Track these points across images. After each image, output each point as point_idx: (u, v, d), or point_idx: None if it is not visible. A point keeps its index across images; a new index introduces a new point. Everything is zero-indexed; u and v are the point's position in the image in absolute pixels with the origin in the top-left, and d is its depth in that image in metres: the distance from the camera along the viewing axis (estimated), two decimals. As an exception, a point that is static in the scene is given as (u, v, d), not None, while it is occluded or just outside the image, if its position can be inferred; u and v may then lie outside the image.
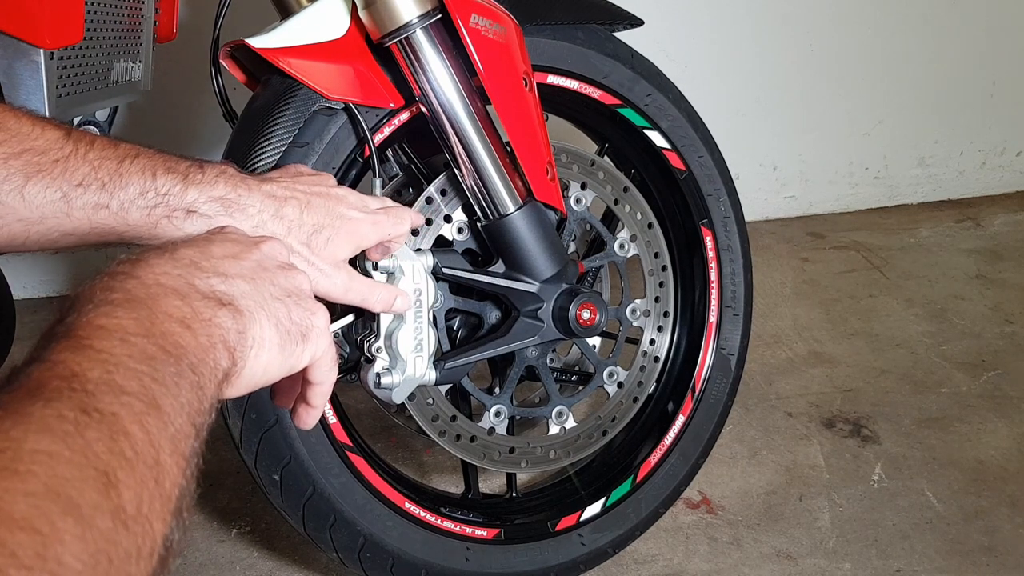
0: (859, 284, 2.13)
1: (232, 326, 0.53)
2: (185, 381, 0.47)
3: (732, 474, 1.44)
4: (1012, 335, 1.88)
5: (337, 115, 0.98)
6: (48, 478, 0.36)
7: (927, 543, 1.28)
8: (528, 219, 1.01)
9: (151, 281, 0.51)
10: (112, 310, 0.47)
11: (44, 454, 0.37)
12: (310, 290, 0.64)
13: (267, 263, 0.61)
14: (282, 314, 0.59)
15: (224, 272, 0.56)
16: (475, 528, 1.11)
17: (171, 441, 0.44)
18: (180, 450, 0.44)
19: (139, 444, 0.41)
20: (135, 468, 0.40)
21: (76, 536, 0.35)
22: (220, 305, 0.53)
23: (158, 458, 0.42)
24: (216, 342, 0.52)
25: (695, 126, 1.21)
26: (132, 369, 0.44)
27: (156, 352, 0.47)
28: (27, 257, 2.02)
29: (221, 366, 0.52)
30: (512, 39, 0.98)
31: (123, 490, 0.39)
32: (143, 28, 1.07)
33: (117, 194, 0.69)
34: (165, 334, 0.48)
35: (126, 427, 0.41)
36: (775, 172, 2.53)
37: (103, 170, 0.69)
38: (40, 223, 0.68)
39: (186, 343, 0.49)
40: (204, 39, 1.07)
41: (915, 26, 2.49)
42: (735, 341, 1.26)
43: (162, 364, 0.46)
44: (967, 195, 2.72)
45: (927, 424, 1.57)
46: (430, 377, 1.01)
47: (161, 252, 0.55)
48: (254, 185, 0.76)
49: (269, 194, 0.76)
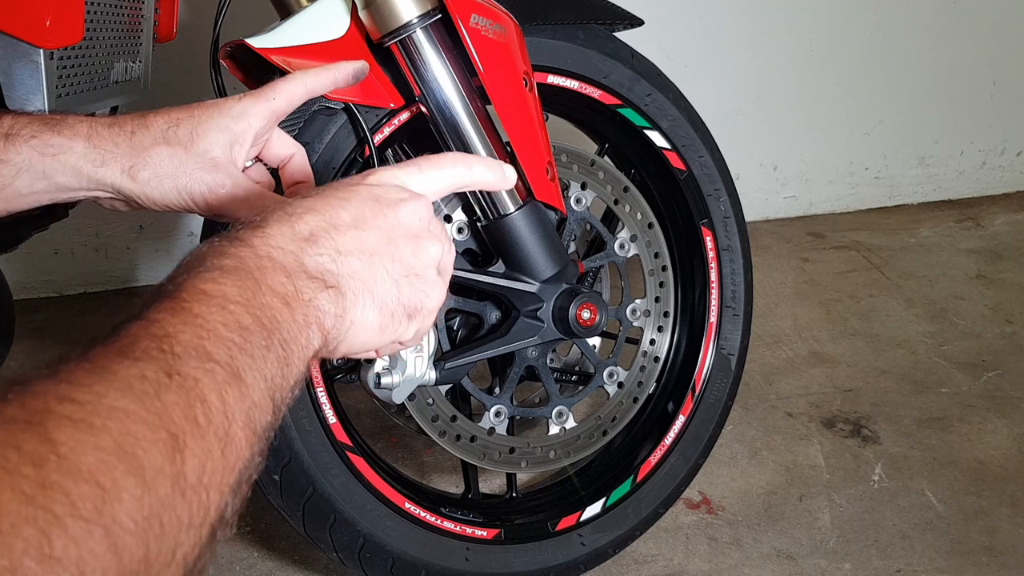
0: (859, 284, 2.13)
1: (331, 309, 0.54)
2: (273, 355, 0.48)
3: (732, 474, 1.44)
4: (1012, 335, 1.88)
5: (337, 115, 0.98)
6: (119, 436, 0.37)
7: (927, 543, 1.28)
8: (528, 219, 1.01)
9: (263, 252, 0.52)
10: (220, 276, 0.48)
11: (121, 412, 0.38)
12: (436, 261, 0.61)
13: (397, 232, 0.59)
14: (390, 296, 0.58)
15: (340, 248, 0.55)
16: (475, 528, 1.10)
17: (246, 414, 0.44)
18: (253, 424, 0.45)
19: (214, 413, 0.42)
20: (204, 436, 0.41)
21: (135, 497, 0.36)
22: (324, 287, 0.53)
23: (229, 429, 0.43)
24: (311, 322, 0.52)
25: (695, 126, 1.21)
26: (223, 337, 0.45)
27: (251, 323, 0.47)
28: (27, 257, 2.02)
29: (312, 346, 0.52)
30: (512, 39, 0.98)
31: (188, 457, 0.40)
32: (143, 28, 1.07)
33: None
34: (264, 307, 0.49)
35: (205, 394, 0.42)
36: (775, 172, 2.53)
37: None
38: None
39: (282, 319, 0.50)
40: (204, 39, 1.07)
41: (915, 26, 2.49)
42: (735, 341, 1.26)
43: (254, 336, 0.47)
44: (967, 195, 2.72)
45: (927, 424, 1.57)
46: (430, 377, 1.01)
47: (284, 219, 0.55)
48: None
49: None
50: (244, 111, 0.76)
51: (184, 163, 0.73)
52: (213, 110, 0.75)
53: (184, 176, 0.73)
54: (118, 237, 2.07)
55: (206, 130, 0.74)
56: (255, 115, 0.76)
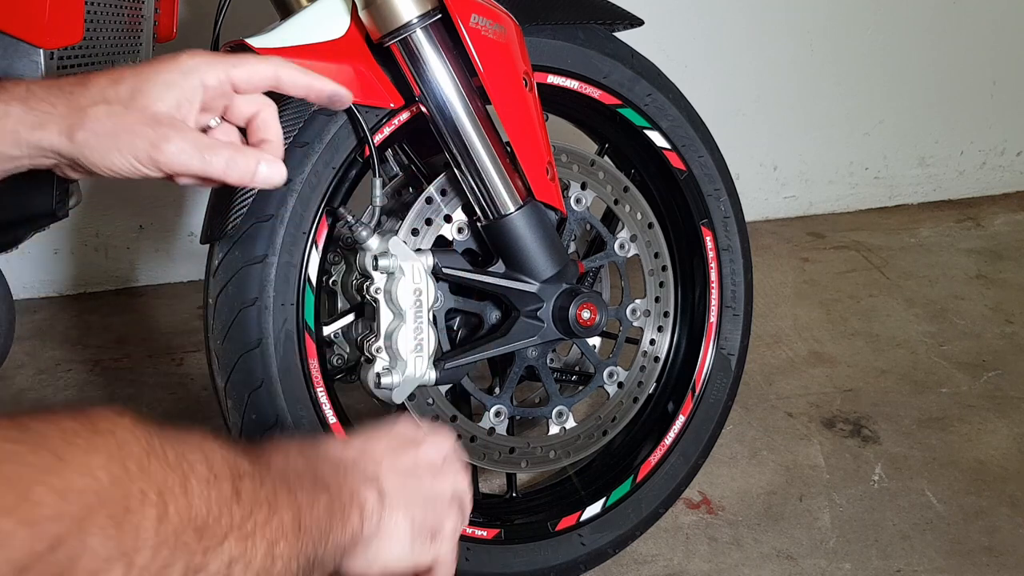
0: (859, 284, 2.13)
1: (372, 501, 0.62)
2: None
3: (732, 474, 1.44)
4: (1012, 335, 1.88)
5: (337, 115, 0.98)
6: None
7: (927, 543, 1.28)
8: (528, 219, 1.01)
9: (333, 456, 0.63)
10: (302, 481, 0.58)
11: None
12: (451, 491, 0.70)
13: (421, 464, 0.68)
14: (418, 513, 0.65)
15: (379, 469, 0.65)
16: (475, 528, 1.10)
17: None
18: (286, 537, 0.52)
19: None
20: None
21: None
22: (373, 487, 0.62)
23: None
24: (355, 509, 0.60)
25: (695, 126, 1.21)
26: None
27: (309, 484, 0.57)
28: (27, 257, 2.02)
29: (348, 531, 0.59)
30: (512, 39, 0.98)
31: None
32: (143, 28, 1.07)
33: None
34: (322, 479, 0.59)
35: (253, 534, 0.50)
36: (775, 172, 2.53)
37: None
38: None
39: (333, 485, 0.59)
40: (204, 39, 1.07)
41: (915, 26, 2.49)
42: (735, 341, 1.26)
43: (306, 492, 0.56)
44: (967, 195, 2.72)
45: (927, 424, 1.57)
46: (430, 377, 1.01)
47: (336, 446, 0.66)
48: None
49: None
50: (196, 67, 0.71)
51: (123, 119, 0.68)
52: (161, 65, 0.71)
53: (124, 133, 0.68)
54: (118, 237, 2.07)
55: (151, 86, 0.69)
56: (208, 73, 0.71)
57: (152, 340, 1.84)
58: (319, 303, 1.02)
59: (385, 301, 0.99)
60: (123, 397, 1.62)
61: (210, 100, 0.72)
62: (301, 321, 0.99)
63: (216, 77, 0.72)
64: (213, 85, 0.72)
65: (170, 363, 1.75)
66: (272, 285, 0.96)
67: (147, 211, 2.06)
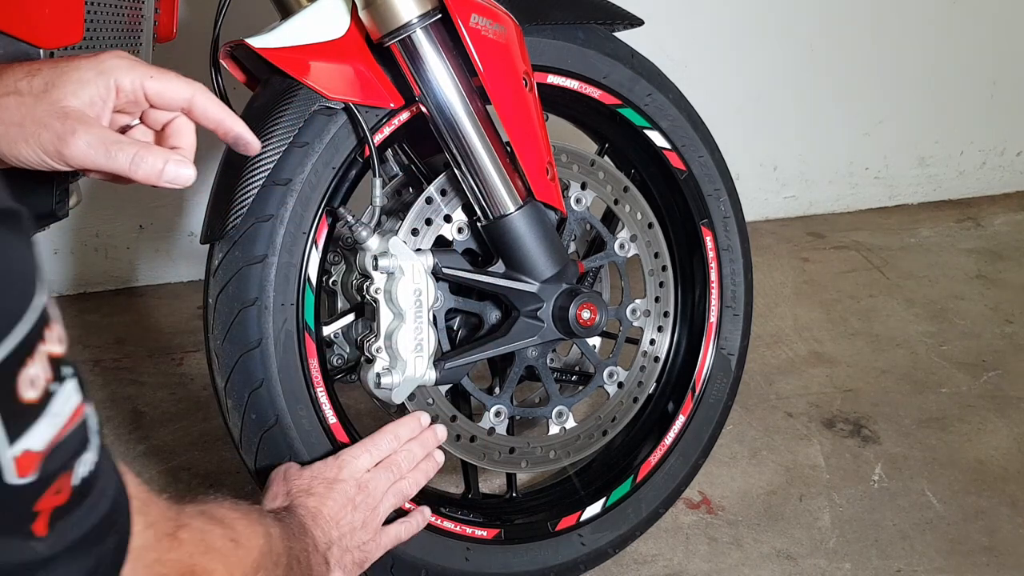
0: (859, 284, 2.13)
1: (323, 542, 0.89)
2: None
3: (732, 474, 1.44)
4: (1012, 335, 1.88)
5: (337, 115, 0.98)
6: None
7: (927, 543, 1.28)
8: (528, 219, 1.01)
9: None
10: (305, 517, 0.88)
11: None
12: (391, 504, 0.97)
13: (360, 507, 0.93)
14: (350, 560, 0.92)
15: (331, 542, 0.89)
16: (475, 528, 1.10)
17: None
18: None
19: None
20: None
21: None
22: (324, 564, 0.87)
23: None
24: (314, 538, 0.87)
25: (695, 126, 1.21)
26: None
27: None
28: (27, 257, 2.02)
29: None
30: (512, 39, 0.98)
31: None
32: (143, 28, 1.07)
33: None
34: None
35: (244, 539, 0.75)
36: (775, 172, 2.53)
37: None
38: None
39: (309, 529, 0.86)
40: (204, 39, 1.07)
41: (915, 26, 2.49)
42: (735, 341, 1.26)
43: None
44: (967, 195, 2.72)
45: (927, 424, 1.57)
46: (430, 377, 1.01)
47: None
48: None
49: None
50: (113, 68, 0.72)
51: (32, 111, 0.69)
52: (80, 62, 0.72)
53: (32, 124, 0.68)
54: (118, 237, 2.07)
55: (65, 81, 0.70)
56: (124, 77, 0.72)
57: (152, 340, 1.84)
58: (319, 303, 1.02)
59: (385, 301, 0.99)
60: (123, 397, 1.61)
61: (123, 103, 0.74)
62: (301, 321, 0.99)
63: (131, 82, 0.73)
64: (127, 89, 0.73)
65: (170, 363, 1.75)
66: (272, 285, 0.96)
67: (147, 211, 2.06)
